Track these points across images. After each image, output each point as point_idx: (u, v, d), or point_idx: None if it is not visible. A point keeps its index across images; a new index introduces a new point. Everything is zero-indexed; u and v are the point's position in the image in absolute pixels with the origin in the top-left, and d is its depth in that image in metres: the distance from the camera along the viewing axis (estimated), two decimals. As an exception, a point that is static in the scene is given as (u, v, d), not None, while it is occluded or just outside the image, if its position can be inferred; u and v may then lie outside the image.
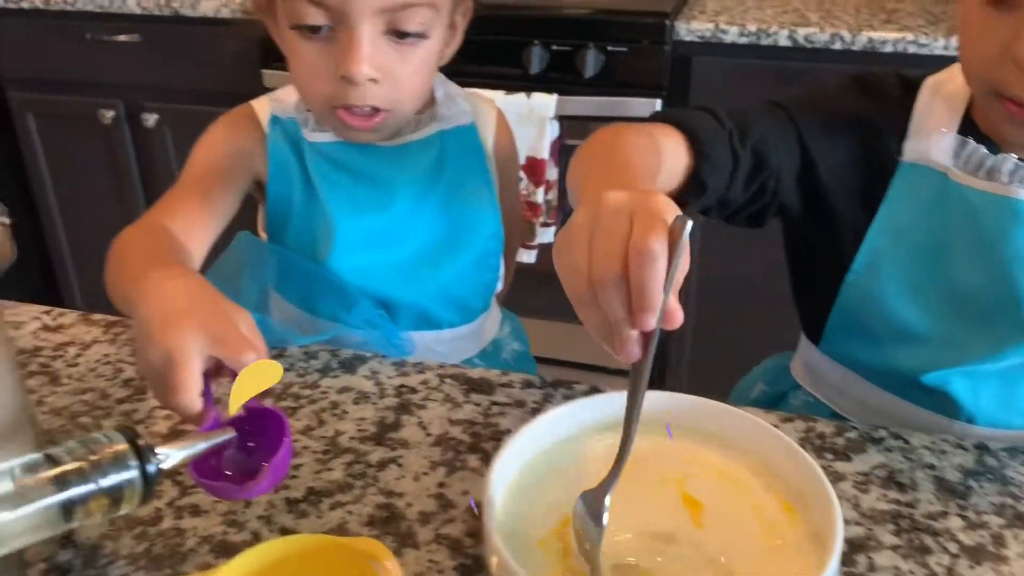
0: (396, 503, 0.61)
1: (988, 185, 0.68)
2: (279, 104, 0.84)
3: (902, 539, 0.58)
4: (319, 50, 0.74)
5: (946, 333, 0.72)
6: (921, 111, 0.72)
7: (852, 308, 0.76)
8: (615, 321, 0.45)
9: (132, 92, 2.04)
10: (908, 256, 0.72)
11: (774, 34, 1.60)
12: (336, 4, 0.71)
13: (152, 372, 0.53)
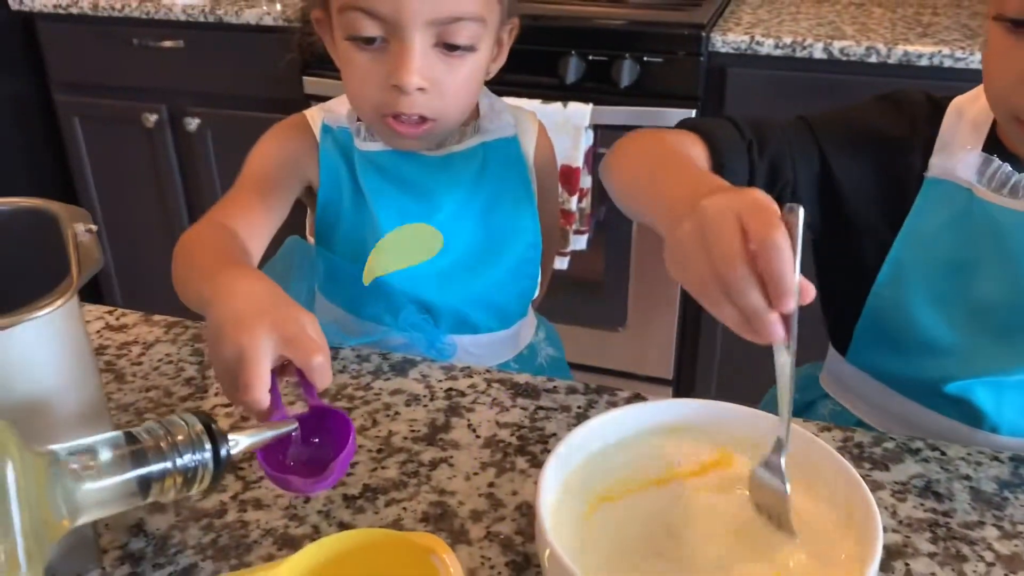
0: (448, 501, 0.63)
1: (1012, 202, 0.70)
2: (331, 114, 0.88)
3: (939, 547, 0.59)
4: (372, 60, 0.77)
5: (969, 344, 0.74)
6: (948, 129, 0.74)
7: (878, 319, 0.77)
8: (754, 312, 0.49)
9: (175, 97, 2.09)
10: (932, 269, 0.74)
11: (809, 47, 1.61)
12: (390, 16, 0.74)
13: (224, 368, 0.56)
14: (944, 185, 0.73)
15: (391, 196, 0.86)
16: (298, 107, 2.07)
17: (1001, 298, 0.72)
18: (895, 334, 0.77)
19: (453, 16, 0.75)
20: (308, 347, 0.55)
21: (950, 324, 0.74)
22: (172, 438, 0.47)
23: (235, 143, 2.09)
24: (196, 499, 0.63)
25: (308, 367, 0.55)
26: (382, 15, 0.75)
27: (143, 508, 0.62)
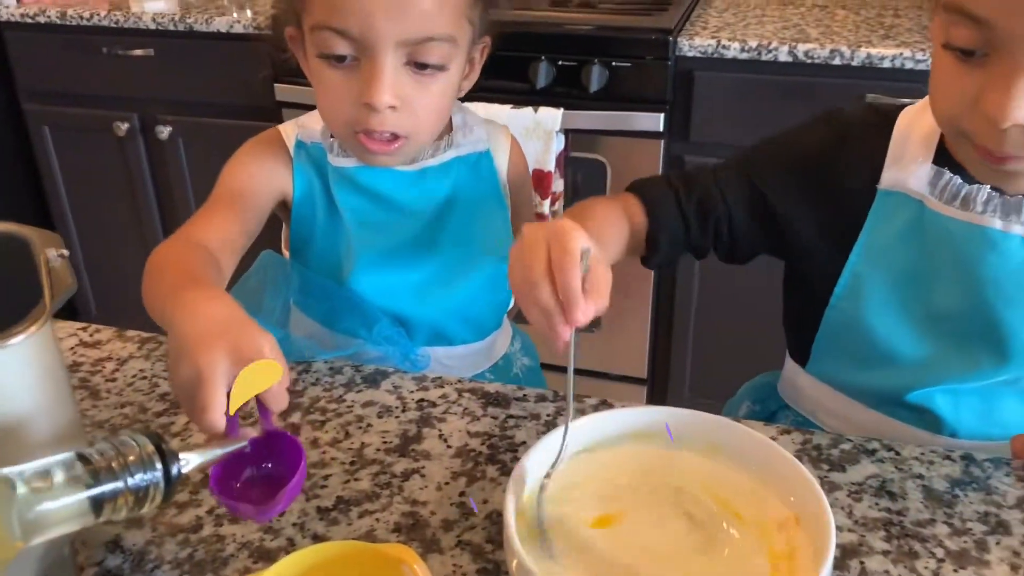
0: (420, 511, 0.65)
1: (963, 214, 0.72)
2: (304, 129, 0.89)
3: (892, 545, 0.62)
4: (343, 78, 0.78)
5: (927, 354, 0.76)
6: (898, 141, 0.76)
7: (837, 331, 0.80)
8: (548, 313, 0.58)
9: (146, 105, 2.09)
10: (888, 280, 0.76)
11: (774, 50, 1.64)
12: (360, 36, 0.75)
13: (182, 389, 0.57)
14: (897, 197, 0.75)
15: (365, 211, 0.88)
16: (270, 114, 2.08)
17: (957, 307, 0.74)
18: (854, 345, 0.79)
19: (423, 36, 0.76)
20: None
21: (908, 334, 0.76)
22: (124, 458, 0.48)
23: (207, 150, 2.10)
24: (172, 515, 0.65)
25: (266, 390, 0.56)
26: (353, 35, 0.76)
27: (119, 524, 0.63)
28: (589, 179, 1.82)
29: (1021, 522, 0.64)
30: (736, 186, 0.82)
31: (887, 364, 0.77)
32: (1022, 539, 0.63)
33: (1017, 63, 0.59)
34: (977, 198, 0.71)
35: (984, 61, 0.62)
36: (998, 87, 0.60)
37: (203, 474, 0.68)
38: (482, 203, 0.91)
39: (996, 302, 0.72)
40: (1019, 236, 0.70)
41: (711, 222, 0.82)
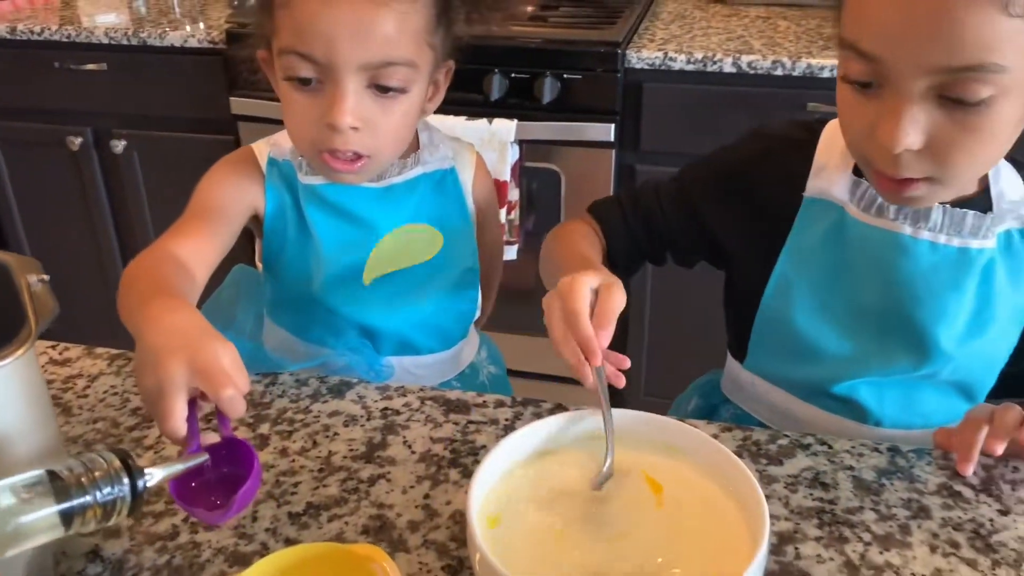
0: (387, 514, 0.69)
1: (878, 220, 0.78)
2: (276, 148, 0.92)
3: (824, 531, 0.67)
4: (308, 100, 0.82)
5: (851, 348, 0.82)
6: (823, 152, 0.82)
7: (768, 328, 0.86)
8: (576, 363, 0.68)
9: (100, 119, 2.09)
10: (813, 281, 0.82)
11: (719, 61, 1.70)
12: (324, 60, 0.79)
13: (147, 398, 0.61)
14: (821, 204, 0.81)
15: (334, 226, 0.91)
16: (226, 127, 2.10)
17: (875, 306, 0.80)
18: (784, 341, 0.85)
19: (384, 61, 0.80)
20: (218, 380, 0.59)
21: (832, 330, 0.82)
22: (92, 474, 0.51)
23: (163, 164, 2.11)
24: (149, 524, 0.67)
25: (218, 399, 0.59)
26: (317, 59, 0.79)
27: (98, 535, 0.66)
28: (544, 188, 1.87)
29: (940, 507, 0.70)
30: (675, 202, 0.89)
31: (814, 359, 0.83)
32: (941, 522, 0.68)
33: (904, 94, 0.65)
34: (890, 206, 0.77)
35: (878, 92, 0.68)
36: (889, 117, 0.66)
37: (177, 485, 0.71)
38: (447, 217, 0.95)
39: (909, 303, 0.78)
40: (928, 241, 0.77)
41: (655, 236, 0.89)
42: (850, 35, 0.67)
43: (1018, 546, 0.66)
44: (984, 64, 0.62)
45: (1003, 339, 0.81)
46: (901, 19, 0.63)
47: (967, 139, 0.66)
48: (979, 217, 0.76)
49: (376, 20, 0.79)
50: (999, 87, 0.63)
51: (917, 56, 0.63)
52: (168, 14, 2.10)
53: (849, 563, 0.64)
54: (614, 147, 1.78)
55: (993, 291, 0.78)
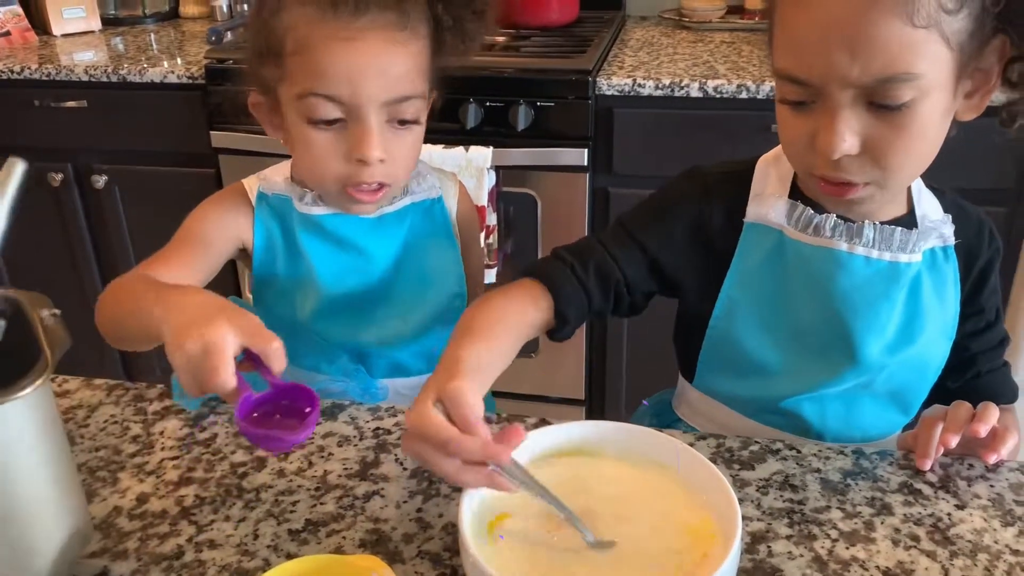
0: (383, 527, 0.72)
1: (815, 239, 0.83)
2: (267, 182, 0.96)
3: (794, 530, 0.72)
4: (332, 139, 0.88)
5: (794, 365, 0.87)
6: (758, 181, 0.88)
7: (716, 349, 0.91)
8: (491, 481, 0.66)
9: (81, 155, 2.11)
10: (757, 302, 0.87)
11: (686, 86, 1.77)
12: (350, 100, 0.85)
13: (188, 363, 0.65)
14: (759, 228, 0.86)
15: (330, 256, 0.96)
16: (206, 161, 2.13)
17: (814, 322, 0.85)
18: (731, 361, 0.90)
19: (403, 96, 0.87)
20: (265, 335, 0.66)
21: (776, 348, 0.87)
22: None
23: (144, 198, 2.13)
24: (155, 545, 0.70)
25: (267, 352, 0.66)
26: (343, 100, 0.85)
27: (106, 556, 0.69)
28: (521, 212, 1.92)
29: (902, 503, 0.75)
30: (626, 250, 0.90)
31: (759, 376, 0.88)
32: (903, 518, 0.73)
33: (836, 106, 0.72)
34: (826, 225, 0.83)
35: (812, 108, 0.74)
36: (826, 127, 0.72)
37: (179, 506, 0.75)
38: (435, 244, 1.00)
39: (846, 314, 0.84)
40: (862, 256, 0.83)
41: (611, 286, 0.90)
42: (781, 65, 0.74)
43: (974, 537, 0.71)
44: (899, 74, 0.69)
45: (932, 350, 0.87)
46: (820, 46, 0.70)
47: (898, 138, 0.72)
48: (906, 233, 0.83)
49: (394, 59, 0.85)
50: (918, 89, 0.70)
51: (840, 74, 0.70)
52: (146, 51, 2.14)
53: (818, 558, 0.69)
54: (588, 171, 1.84)
55: (921, 304, 0.84)
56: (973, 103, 0.76)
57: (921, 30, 0.67)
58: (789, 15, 0.72)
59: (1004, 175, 1.71)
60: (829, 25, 0.69)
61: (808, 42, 0.71)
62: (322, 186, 0.93)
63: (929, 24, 0.67)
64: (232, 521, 0.73)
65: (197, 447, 0.82)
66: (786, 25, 0.73)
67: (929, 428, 0.80)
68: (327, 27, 0.84)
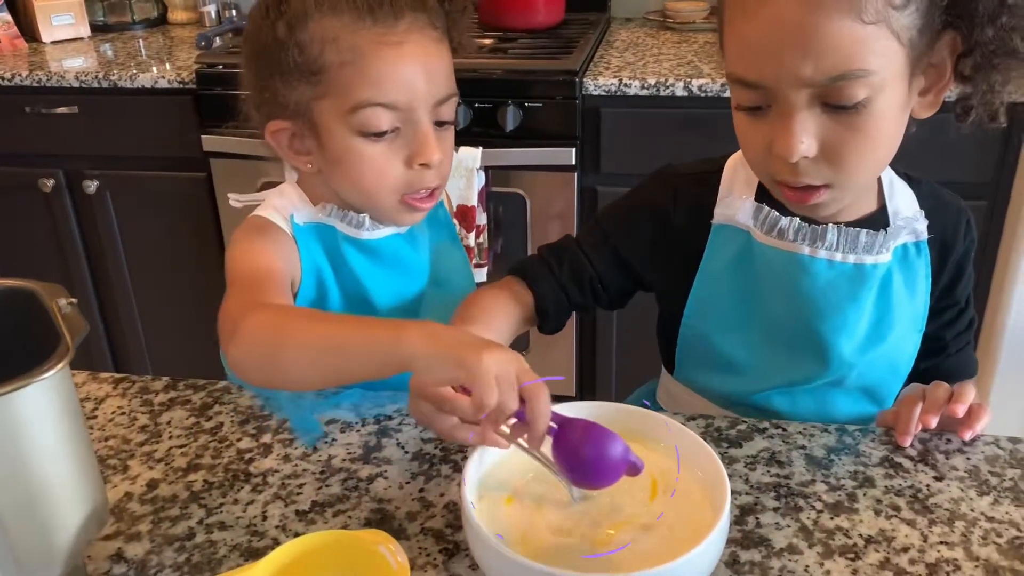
0: (387, 507, 0.75)
1: (779, 243, 0.85)
2: (298, 211, 0.90)
3: (781, 502, 0.75)
4: (387, 149, 0.84)
5: (765, 364, 0.89)
6: (726, 182, 0.89)
7: (690, 345, 0.94)
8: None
9: (72, 161, 2.12)
10: (727, 301, 0.89)
11: (671, 86, 1.80)
12: (406, 105, 0.83)
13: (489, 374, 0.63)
14: (728, 229, 0.88)
15: (384, 277, 0.93)
16: (198, 165, 2.15)
17: (784, 321, 0.87)
18: (705, 357, 0.92)
19: (448, 95, 0.86)
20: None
21: (747, 347, 0.90)
22: None
23: (136, 203, 2.15)
24: (167, 527, 0.73)
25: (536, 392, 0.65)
26: (400, 107, 0.83)
27: (120, 538, 0.71)
28: (510, 212, 1.95)
29: (883, 476, 0.78)
30: (598, 248, 0.94)
31: (732, 371, 0.91)
32: (884, 489, 0.76)
33: (790, 108, 0.72)
34: (789, 228, 0.84)
35: (767, 113, 0.75)
36: (782, 131, 0.73)
37: (189, 491, 0.77)
38: (446, 248, 1.02)
39: (813, 317, 0.86)
40: (824, 260, 0.84)
41: (585, 283, 0.93)
42: (734, 70, 0.75)
43: (951, 506, 0.74)
44: (851, 71, 0.69)
45: (903, 345, 0.89)
46: (772, 48, 0.71)
47: (855, 139, 0.73)
48: (872, 235, 0.84)
49: (438, 59, 0.85)
50: (872, 87, 0.70)
51: (792, 75, 0.70)
52: (136, 57, 2.15)
53: (804, 528, 0.72)
54: (576, 170, 1.87)
55: (891, 302, 0.86)
56: (928, 100, 0.77)
57: (871, 26, 0.68)
58: (737, 21, 0.73)
59: (982, 168, 1.75)
60: (778, 28, 0.70)
61: (758, 47, 0.72)
62: (376, 202, 0.88)
63: (878, 20, 0.68)
64: (241, 504, 0.76)
65: (204, 435, 0.85)
66: (735, 31, 0.74)
67: (909, 407, 0.83)
68: (372, 34, 0.81)
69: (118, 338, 2.29)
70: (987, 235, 1.82)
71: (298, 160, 0.89)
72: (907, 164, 0.91)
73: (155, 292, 2.21)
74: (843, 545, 0.70)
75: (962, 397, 0.82)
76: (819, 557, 0.69)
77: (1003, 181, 1.77)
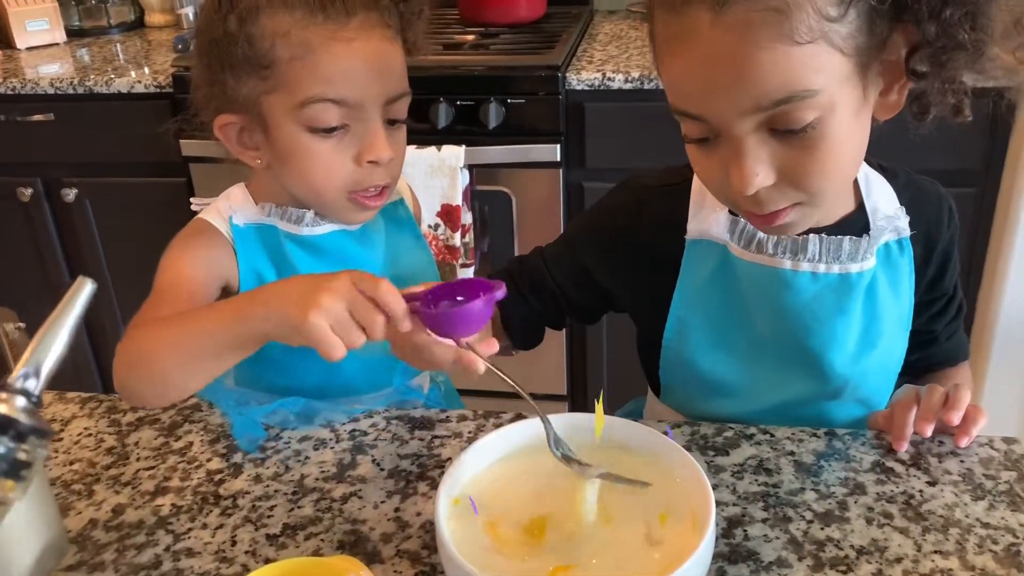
0: (361, 528, 0.72)
1: (758, 257, 0.80)
2: (238, 212, 0.89)
3: (769, 513, 0.72)
4: (335, 145, 0.83)
5: (754, 382, 0.86)
6: (697, 195, 0.84)
7: (673, 368, 0.89)
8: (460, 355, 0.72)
9: (50, 169, 2.09)
10: (708, 319, 0.85)
11: (655, 79, 1.75)
12: (356, 100, 0.81)
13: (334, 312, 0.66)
14: (703, 244, 0.83)
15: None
16: (177, 170, 2.11)
17: (770, 336, 0.84)
18: (690, 379, 0.88)
19: (400, 93, 0.85)
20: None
21: (733, 364, 0.86)
22: None
23: (115, 209, 2.12)
24: (132, 555, 0.70)
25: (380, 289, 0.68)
26: (350, 102, 0.81)
27: (83, 568, 0.69)
28: (496, 210, 1.92)
29: (874, 482, 0.76)
30: (561, 261, 0.90)
31: (722, 395, 0.87)
32: (876, 496, 0.74)
33: (738, 139, 0.67)
34: (768, 242, 0.80)
35: (716, 144, 0.70)
36: (734, 163, 0.68)
37: (156, 516, 0.74)
38: (408, 246, 1.00)
39: (800, 332, 0.82)
40: (808, 273, 0.80)
41: (546, 294, 0.90)
42: (674, 102, 0.70)
43: (945, 512, 0.72)
44: (795, 93, 0.64)
45: (893, 348, 0.86)
46: (703, 77, 0.66)
47: (812, 160, 0.68)
48: (855, 241, 0.79)
49: (391, 56, 0.83)
50: (820, 107, 0.65)
51: (731, 104, 0.66)
52: (112, 61, 2.12)
53: (793, 540, 0.69)
54: (561, 166, 1.84)
55: (878, 307, 0.82)
56: (891, 100, 0.72)
57: (807, 45, 0.63)
58: (667, 59, 0.69)
59: (971, 155, 1.73)
60: (708, 65, 0.65)
61: (692, 85, 0.67)
62: (324, 198, 0.87)
63: (814, 38, 0.63)
64: (209, 528, 0.73)
65: (172, 456, 0.82)
66: (667, 70, 0.70)
67: (904, 412, 0.80)
68: (324, 29, 0.80)
69: (101, 347, 2.26)
70: (977, 223, 1.79)
71: (247, 155, 0.88)
72: (891, 155, 0.87)
73: (137, 300, 2.18)
74: (834, 557, 0.68)
75: (957, 403, 0.79)
76: (809, 571, 0.66)
77: (992, 168, 1.75)
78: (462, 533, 0.65)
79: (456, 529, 0.65)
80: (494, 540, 0.65)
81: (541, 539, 0.66)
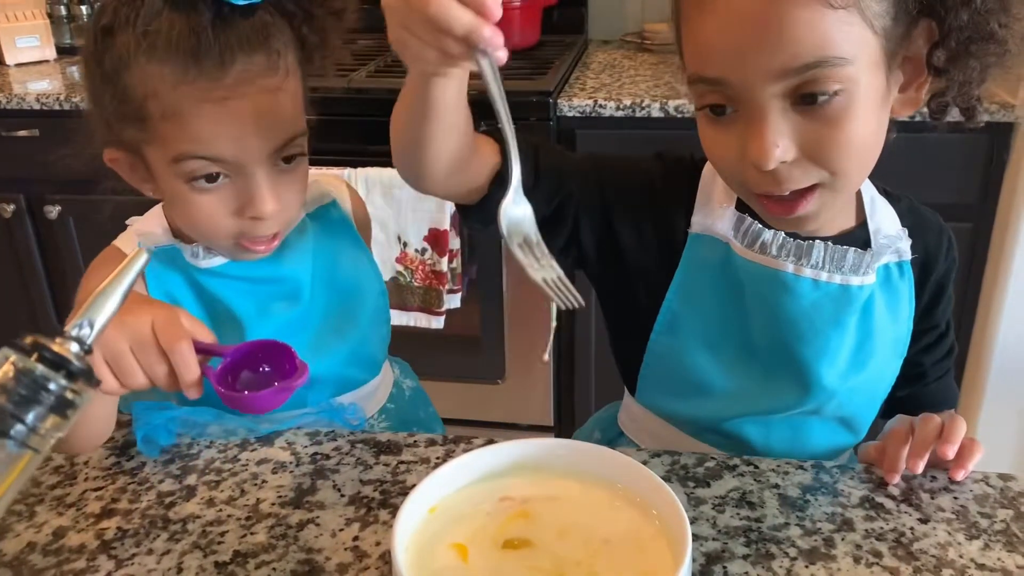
0: (316, 558, 0.68)
1: (761, 258, 0.78)
2: (148, 236, 0.88)
3: (751, 549, 0.68)
4: (218, 197, 0.80)
5: (740, 388, 0.82)
6: (705, 187, 0.81)
7: (657, 365, 0.85)
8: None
9: (33, 185, 2.06)
10: (702, 318, 0.82)
11: (647, 107, 1.75)
12: (235, 158, 0.78)
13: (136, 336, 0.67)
14: (706, 240, 0.81)
15: (246, 293, 0.88)
16: (161, 189, 2.06)
17: (763, 343, 0.81)
18: (674, 377, 0.84)
19: (288, 138, 0.80)
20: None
21: (721, 368, 0.82)
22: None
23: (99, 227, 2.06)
24: (68, 583, 0.66)
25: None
26: (226, 158, 0.78)
27: (14, 597, 0.64)
28: (484, 236, 1.89)
29: (863, 518, 0.71)
30: (590, 204, 0.82)
31: (702, 395, 0.83)
32: (864, 533, 0.70)
33: (760, 108, 0.66)
34: (772, 243, 0.78)
35: (734, 117, 0.68)
36: (754, 135, 0.66)
37: (99, 540, 0.70)
38: (343, 248, 0.95)
39: (794, 340, 0.79)
40: (810, 279, 0.77)
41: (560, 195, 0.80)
42: (694, 68, 0.69)
43: (938, 552, 0.68)
44: (825, 59, 0.63)
45: (884, 372, 0.83)
46: (735, 37, 0.65)
47: (836, 133, 0.66)
48: (859, 254, 0.78)
49: (275, 108, 0.79)
50: (847, 79, 0.64)
51: (759, 66, 0.64)
52: (101, 79, 2.10)
53: (776, 579, 0.65)
54: (550, 193, 1.81)
55: (873, 326, 0.80)
56: (909, 96, 0.72)
57: (841, 11, 0.63)
58: (694, 17, 0.67)
59: (966, 190, 1.71)
60: (738, 22, 0.64)
61: (719, 43, 0.65)
62: (213, 243, 0.86)
63: (848, 4, 0.63)
64: (155, 554, 0.68)
65: (123, 476, 0.78)
66: (692, 28, 0.68)
67: (897, 445, 0.76)
68: (195, 88, 0.75)
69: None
70: (972, 258, 1.77)
71: (143, 187, 0.86)
72: (890, 185, 0.86)
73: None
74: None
75: (952, 436, 0.75)
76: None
77: (988, 203, 1.72)
78: (420, 564, 0.60)
79: (414, 561, 0.60)
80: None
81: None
